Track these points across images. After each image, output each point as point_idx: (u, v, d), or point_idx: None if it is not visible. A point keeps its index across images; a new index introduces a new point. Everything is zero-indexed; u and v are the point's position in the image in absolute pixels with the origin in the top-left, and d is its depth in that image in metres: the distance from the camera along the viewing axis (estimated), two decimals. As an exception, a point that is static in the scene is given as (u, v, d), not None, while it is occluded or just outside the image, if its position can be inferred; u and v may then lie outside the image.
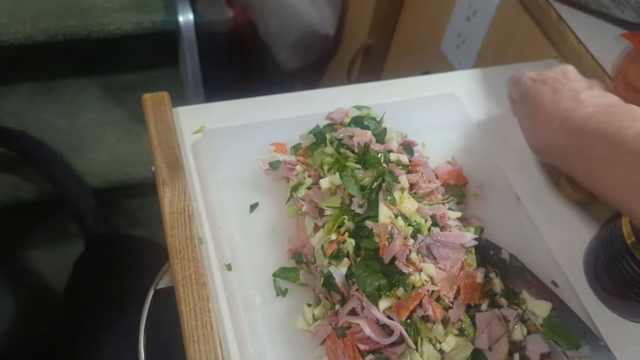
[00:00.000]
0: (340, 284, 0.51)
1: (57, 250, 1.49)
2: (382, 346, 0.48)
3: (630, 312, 0.59)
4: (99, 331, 0.83)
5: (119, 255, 1.09)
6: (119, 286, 0.90)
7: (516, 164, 0.71)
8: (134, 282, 0.65)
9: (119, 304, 0.82)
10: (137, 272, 0.66)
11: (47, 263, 1.48)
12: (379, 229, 0.52)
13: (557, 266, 0.61)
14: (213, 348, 0.50)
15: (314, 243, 0.56)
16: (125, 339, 0.60)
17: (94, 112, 1.58)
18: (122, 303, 0.70)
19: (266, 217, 0.60)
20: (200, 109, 0.69)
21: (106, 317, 0.85)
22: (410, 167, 0.60)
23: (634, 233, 0.54)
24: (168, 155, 0.62)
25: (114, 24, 1.36)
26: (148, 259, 0.72)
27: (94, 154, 1.51)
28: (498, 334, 0.49)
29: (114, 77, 1.65)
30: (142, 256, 1.06)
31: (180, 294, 0.52)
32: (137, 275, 0.66)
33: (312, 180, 0.60)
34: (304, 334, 0.53)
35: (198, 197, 0.61)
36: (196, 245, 0.56)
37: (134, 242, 1.16)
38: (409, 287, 0.49)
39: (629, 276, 0.55)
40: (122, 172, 1.48)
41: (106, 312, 0.86)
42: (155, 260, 0.61)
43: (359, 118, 0.64)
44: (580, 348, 0.54)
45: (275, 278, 0.56)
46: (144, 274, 0.62)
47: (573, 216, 0.67)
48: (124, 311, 0.64)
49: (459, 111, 0.74)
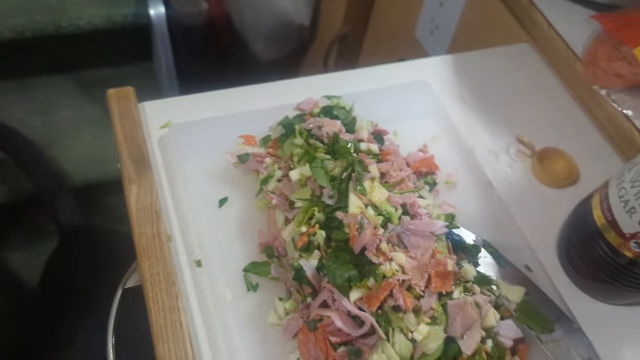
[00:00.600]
0: (311, 277, 0.51)
1: (34, 250, 1.46)
2: (353, 338, 0.47)
3: (603, 294, 0.59)
4: (71, 327, 0.82)
5: (92, 250, 1.07)
6: (90, 282, 0.89)
7: (488, 150, 0.70)
8: (106, 278, 0.64)
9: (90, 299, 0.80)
10: (110, 267, 0.65)
11: (23, 263, 1.46)
12: (348, 219, 0.51)
13: (530, 251, 0.61)
14: (183, 347, 0.49)
15: (285, 236, 0.55)
16: (95, 336, 0.59)
17: (68, 109, 1.55)
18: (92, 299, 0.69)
19: (236, 212, 0.60)
20: (167, 103, 0.68)
21: (77, 313, 0.83)
22: (380, 156, 0.60)
23: (604, 215, 0.54)
24: (134, 152, 0.60)
25: (83, 19, 1.34)
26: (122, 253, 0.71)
27: (70, 152, 1.48)
28: (470, 322, 0.49)
29: (87, 73, 1.62)
30: (116, 250, 1.05)
31: (148, 293, 0.51)
32: (109, 271, 0.65)
33: (282, 172, 0.59)
34: (275, 328, 0.52)
35: (166, 194, 0.60)
36: (164, 242, 0.55)
37: (108, 237, 1.14)
38: (379, 277, 0.48)
39: (600, 258, 0.55)
40: (99, 170, 1.46)
41: (78, 308, 0.84)
42: (129, 255, 0.60)
43: (328, 108, 0.63)
44: (553, 332, 0.54)
45: (245, 273, 0.55)
46: (117, 268, 0.61)
47: (546, 200, 0.67)
48: (94, 307, 0.62)
49: (430, 98, 0.73)
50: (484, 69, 0.80)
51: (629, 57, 0.64)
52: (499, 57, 0.82)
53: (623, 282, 0.55)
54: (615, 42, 0.65)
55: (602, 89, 0.69)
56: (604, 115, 0.70)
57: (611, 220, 0.53)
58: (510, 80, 0.79)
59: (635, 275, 0.54)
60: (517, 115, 0.74)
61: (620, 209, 0.51)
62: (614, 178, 0.54)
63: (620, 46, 0.64)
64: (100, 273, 0.86)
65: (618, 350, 0.56)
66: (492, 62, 0.81)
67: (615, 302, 0.59)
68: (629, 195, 0.50)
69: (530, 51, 0.83)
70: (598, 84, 0.69)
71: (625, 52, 0.64)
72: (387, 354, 0.46)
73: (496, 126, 0.73)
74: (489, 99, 0.76)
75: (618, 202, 0.52)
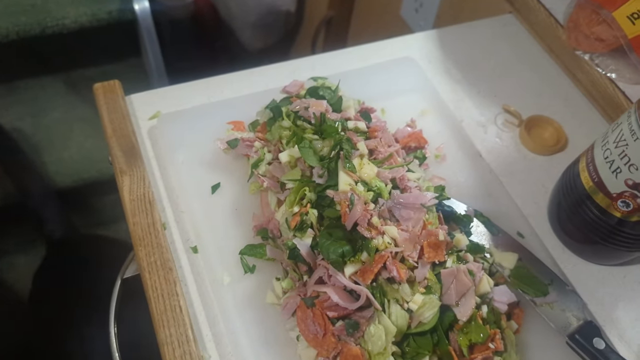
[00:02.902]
0: (306, 255, 0.51)
1: (19, 260, 1.44)
2: (350, 311, 0.48)
3: (595, 255, 0.60)
4: (74, 324, 0.82)
5: (82, 256, 1.07)
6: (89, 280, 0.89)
7: (476, 122, 0.71)
8: (105, 274, 0.64)
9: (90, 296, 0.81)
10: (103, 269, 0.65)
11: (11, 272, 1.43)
12: (339, 196, 0.52)
13: (522, 218, 0.62)
14: (184, 330, 0.50)
15: (278, 217, 0.56)
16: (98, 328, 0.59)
17: (58, 110, 1.55)
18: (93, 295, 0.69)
19: (229, 197, 0.60)
20: (155, 94, 0.68)
21: (78, 310, 0.84)
22: (368, 133, 0.60)
23: (591, 178, 0.54)
24: (124, 144, 0.61)
25: (68, 18, 1.33)
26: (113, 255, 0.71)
27: (64, 153, 1.48)
28: (464, 289, 0.49)
29: (76, 72, 1.61)
30: (106, 254, 1.05)
31: (146, 280, 0.52)
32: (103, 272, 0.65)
33: (272, 155, 0.60)
34: (274, 308, 0.53)
35: (158, 183, 0.61)
36: (159, 230, 0.55)
37: (96, 242, 1.13)
38: (372, 250, 0.49)
39: (590, 220, 0.56)
40: (93, 169, 1.47)
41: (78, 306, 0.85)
42: (121, 254, 0.61)
43: (314, 89, 0.64)
44: (547, 295, 0.55)
45: (242, 256, 0.56)
46: (111, 268, 0.61)
47: (535, 167, 0.67)
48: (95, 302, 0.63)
49: (416, 74, 0.74)
50: (469, 42, 0.80)
51: (609, 20, 0.64)
52: (483, 29, 0.82)
53: (614, 242, 0.56)
54: (595, 7, 0.65)
55: (585, 54, 0.69)
56: (589, 80, 0.70)
57: (598, 181, 0.53)
58: (495, 52, 0.79)
59: (625, 234, 0.54)
60: (504, 86, 0.75)
61: (606, 169, 0.52)
62: (599, 140, 0.54)
63: (600, 10, 0.65)
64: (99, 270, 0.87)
65: (611, 309, 0.57)
66: (477, 34, 0.81)
67: (607, 262, 0.60)
68: (613, 156, 0.51)
69: (513, 22, 0.83)
70: (581, 49, 0.70)
71: (605, 15, 0.64)
72: (384, 324, 0.47)
73: (483, 98, 0.74)
74: (475, 71, 0.76)
75: (604, 163, 0.52)
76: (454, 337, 0.49)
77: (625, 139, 0.50)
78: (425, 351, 0.47)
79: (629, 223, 0.53)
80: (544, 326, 0.54)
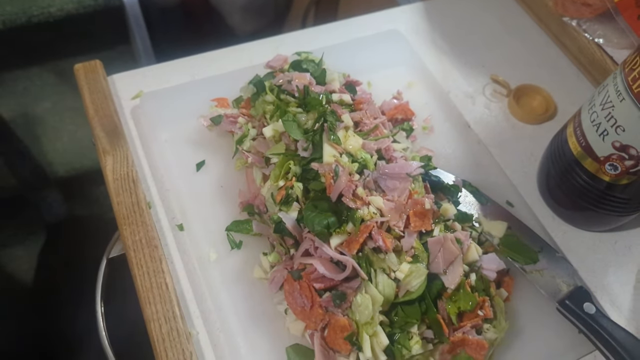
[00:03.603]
0: (292, 228, 0.51)
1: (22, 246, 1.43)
2: (337, 282, 0.48)
3: (585, 221, 0.59)
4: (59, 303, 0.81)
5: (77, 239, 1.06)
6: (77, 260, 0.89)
7: (464, 93, 0.70)
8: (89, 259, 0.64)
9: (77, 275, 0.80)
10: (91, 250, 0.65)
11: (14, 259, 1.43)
12: (324, 168, 0.51)
13: (512, 187, 0.62)
14: (171, 307, 0.50)
15: (264, 193, 0.55)
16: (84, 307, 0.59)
17: (49, 100, 1.54)
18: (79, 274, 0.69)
19: (214, 174, 0.60)
20: (137, 74, 0.67)
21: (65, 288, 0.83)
22: (353, 105, 0.60)
23: (579, 143, 0.54)
24: (106, 124, 0.60)
25: (53, 6, 1.32)
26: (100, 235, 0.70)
27: (56, 143, 1.47)
28: (452, 257, 0.49)
29: (65, 62, 1.60)
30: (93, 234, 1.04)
31: (132, 259, 0.52)
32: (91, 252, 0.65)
33: (256, 131, 0.59)
34: (262, 282, 0.53)
35: (142, 162, 0.60)
36: (144, 209, 0.55)
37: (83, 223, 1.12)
38: (357, 221, 0.48)
39: (580, 186, 0.55)
40: (86, 158, 1.46)
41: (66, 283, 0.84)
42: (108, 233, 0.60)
43: (297, 62, 0.63)
44: (537, 262, 0.54)
45: (228, 232, 0.55)
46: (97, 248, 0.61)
47: (524, 137, 0.67)
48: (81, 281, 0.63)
49: (402, 47, 0.73)
50: (456, 13, 0.79)
51: (596, -16, 0.63)
52: (470, 0, 0.81)
53: (603, 207, 0.55)
54: (582, -29, 0.64)
55: (573, 20, 0.68)
56: (576, 46, 0.69)
57: (585, 146, 0.53)
58: (482, 22, 0.78)
59: (614, 198, 0.54)
60: (491, 56, 0.74)
61: (594, 133, 0.51)
62: (586, 104, 0.54)
63: (586, -26, 0.64)
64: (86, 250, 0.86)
65: (602, 275, 0.57)
66: (464, 5, 0.80)
67: (597, 228, 0.60)
68: (600, 119, 0.50)
69: (500, -9, 0.82)
70: (568, 15, 0.69)
71: (592, -21, 0.63)
72: (371, 294, 0.46)
73: (471, 69, 0.73)
74: (462, 42, 0.75)
75: (591, 126, 0.52)
76: (443, 306, 0.48)
77: (612, 100, 0.49)
78: (413, 320, 0.47)
79: (618, 187, 0.52)
80: (534, 293, 0.53)
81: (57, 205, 1.15)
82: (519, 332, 0.52)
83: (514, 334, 0.51)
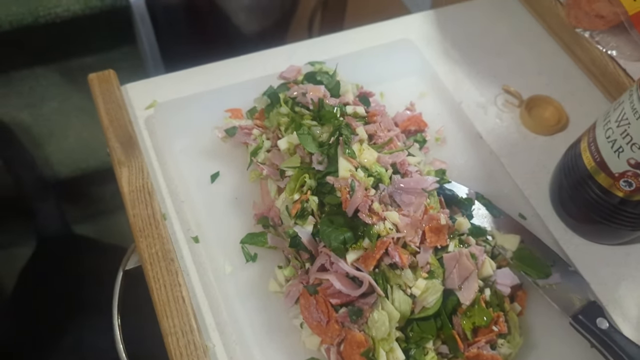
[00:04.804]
0: (307, 242, 0.51)
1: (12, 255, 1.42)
2: (353, 298, 0.48)
3: (597, 235, 0.60)
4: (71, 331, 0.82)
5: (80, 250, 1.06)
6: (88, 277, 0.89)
7: (476, 103, 0.70)
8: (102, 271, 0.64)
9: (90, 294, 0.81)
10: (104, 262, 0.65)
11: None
12: (339, 183, 0.51)
13: (524, 199, 0.62)
14: (187, 320, 0.50)
15: (278, 205, 0.56)
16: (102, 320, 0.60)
17: (55, 100, 1.54)
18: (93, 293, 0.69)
19: (228, 186, 0.60)
20: (151, 83, 0.67)
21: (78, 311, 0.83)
22: (367, 117, 0.60)
23: (593, 158, 0.54)
24: (121, 135, 0.60)
25: (60, 7, 1.31)
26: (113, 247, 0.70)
27: (62, 143, 1.47)
28: (467, 273, 0.49)
29: (71, 62, 1.60)
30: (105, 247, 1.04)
31: (148, 272, 0.52)
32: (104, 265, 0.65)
33: (270, 142, 0.60)
34: (277, 296, 0.53)
35: (157, 173, 0.60)
36: (160, 221, 0.55)
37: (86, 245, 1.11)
38: (373, 237, 0.49)
39: (592, 200, 0.56)
40: (92, 158, 1.46)
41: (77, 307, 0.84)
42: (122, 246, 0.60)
43: (311, 74, 0.63)
44: (550, 276, 0.55)
45: (243, 244, 0.56)
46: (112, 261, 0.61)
47: (536, 148, 0.67)
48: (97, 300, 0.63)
49: (414, 56, 0.73)
50: (468, 21, 0.79)
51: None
52: (481, 8, 0.81)
53: (616, 221, 0.55)
54: (596, -17, 0.64)
55: (586, 32, 0.68)
56: (589, 58, 0.70)
57: (600, 161, 0.53)
58: (494, 31, 0.78)
59: (627, 213, 0.54)
60: (503, 66, 0.74)
61: (608, 149, 0.52)
62: (601, 119, 0.54)
63: (600, -14, 0.64)
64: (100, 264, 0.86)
65: (615, 289, 0.57)
66: (475, 14, 0.80)
67: (609, 242, 0.60)
68: (615, 135, 0.50)
69: (512, 0, 0.82)
70: (581, 26, 0.69)
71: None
72: (388, 310, 0.47)
73: (483, 79, 0.73)
74: (474, 51, 0.76)
75: (606, 142, 0.52)
76: (458, 321, 0.49)
77: (628, 117, 0.49)
78: (429, 336, 0.47)
79: (632, 202, 0.53)
80: (547, 308, 0.54)
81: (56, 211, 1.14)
82: (532, 347, 0.52)
83: (527, 348, 0.52)
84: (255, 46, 0.82)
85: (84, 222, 1.46)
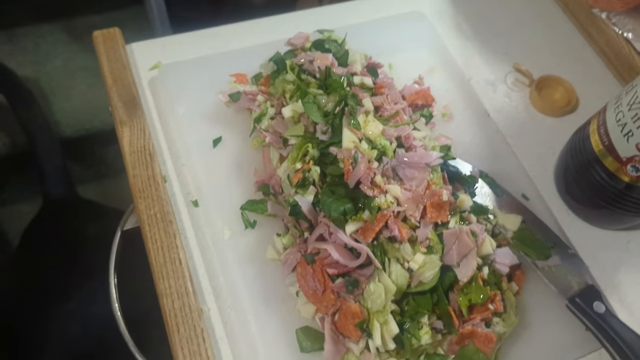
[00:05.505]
0: (307, 212, 0.51)
1: (19, 211, 1.42)
2: (350, 269, 0.48)
3: (600, 219, 0.59)
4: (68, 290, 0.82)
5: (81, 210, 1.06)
6: (87, 236, 0.89)
7: (485, 80, 0.69)
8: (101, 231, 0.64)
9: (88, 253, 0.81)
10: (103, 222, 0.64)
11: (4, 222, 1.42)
12: (342, 154, 0.51)
13: (528, 180, 0.61)
14: (183, 283, 0.50)
15: (280, 174, 0.55)
16: (97, 279, 0.60)
17: (60, 58, 1.52)
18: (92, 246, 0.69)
19: (230, 151, 0.59)
20: (156, 44, 0.66)
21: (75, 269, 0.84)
22: (374, 89, 0.59)
23: (602, 141, 0.53)
24: (124, 94, 0.59)
25: (66, -40, 1.29)
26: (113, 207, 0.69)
27: (65, 103, 1.46)
28: (466, 250, 0.49)
29: (77, 20, 1.57)
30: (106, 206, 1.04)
31: (146, 233, 0.52)
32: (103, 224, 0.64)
33: (274, 110, 0.59)
34: (274, 263, 0.53)
35: (159, 135, 0.60)
36: (159, 183, 0.55)
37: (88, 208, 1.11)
38: (374, 209, 0.48)
39: (598, 184, 0.55)
40: (96, 119, 1.45)
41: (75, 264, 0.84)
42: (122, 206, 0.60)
43: (319, 42, 0.62)
44: (550, 258, 0.54)
45: (243, 211, 0.55)
46: (110, 221, 0.61)
47: (544, 129, 0.66)
48: (95, 254, 0.63)
49: (426, 29, 0.71)
50: (482, -4, 0.77)
51: (630, -24, 0.61)
52: (497, -17, 0.79)
53: (620, 206, 0.55)
54: (617, -38, 0.62)
55: (602, 12, 0.67)
56: (604, 39, 0.68)
57: (608, 145, 0.52)
58: (509, 8, 0.76)
59: (632, 199, 0.53)
60: (515, 44, 0.73)
61: (618, 132, 0.51)
62: (612, 102, 0.53)
63: (621, -35, 0.62)
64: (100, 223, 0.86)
65: (613, 274, 0.57)
66: (490, -11, 0.78)
67: (612, 227, 0.59)
68: (626, 119, 0.50)
69: (529, -24, 0.80)
70: (598, 7, 0.67)
71: (626, -29, 0.61)
72: (384, 283, 0.47)
73: (494, 56, 0.72)
74: (486, 28, 0.74)
75: (615, 126, 0.51)
76: (454, 298, 0.49)
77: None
78: (424, 310, 0.47)
79: (637, 188, 0.52)
80: (544, 289, 0.53)
81: (63, 173, 1.13)
82: (526, 326, 0.52)
83: (522, 327, 0.52)
84: (264, 12, 0.81)
85: (86, 184, 1.46)
